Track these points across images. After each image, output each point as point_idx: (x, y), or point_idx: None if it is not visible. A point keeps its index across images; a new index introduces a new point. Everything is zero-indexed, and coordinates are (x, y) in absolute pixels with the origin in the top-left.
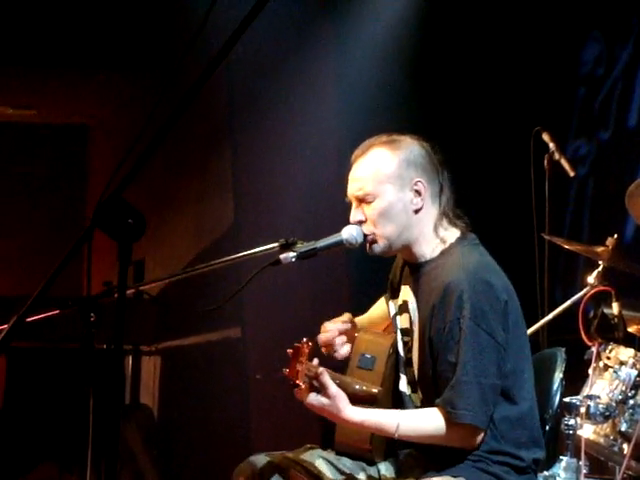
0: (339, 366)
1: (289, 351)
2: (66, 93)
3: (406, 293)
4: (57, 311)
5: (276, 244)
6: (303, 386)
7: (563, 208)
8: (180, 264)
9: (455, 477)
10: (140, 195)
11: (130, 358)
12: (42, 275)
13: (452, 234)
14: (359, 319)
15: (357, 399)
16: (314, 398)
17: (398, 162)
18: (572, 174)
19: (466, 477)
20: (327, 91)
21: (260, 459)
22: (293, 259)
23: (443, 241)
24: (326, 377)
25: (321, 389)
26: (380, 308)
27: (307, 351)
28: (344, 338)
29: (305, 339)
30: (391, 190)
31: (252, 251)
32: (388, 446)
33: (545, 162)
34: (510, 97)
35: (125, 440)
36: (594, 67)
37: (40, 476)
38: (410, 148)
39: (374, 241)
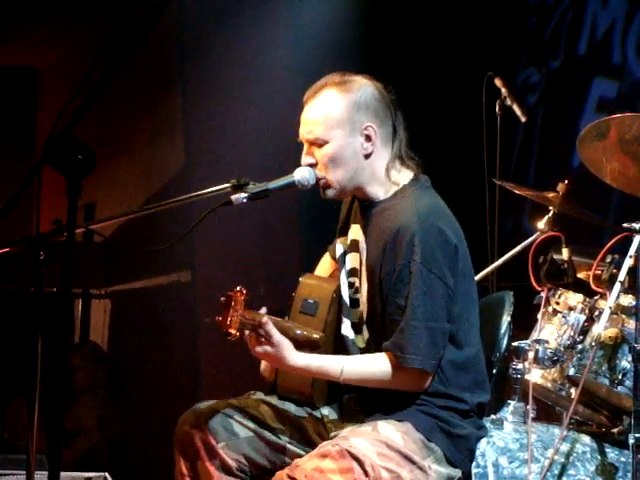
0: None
1: (222, 299)
2: (16, 35)
3: (356, 232)
4: (6, 249)
5: (228, 184)
6: (237, 334)
7: (512, 143)
8: (131, 207)
9: (400, 421)
10: (90, 138)
11: (80, 301)
12: None
13: (405, 176)
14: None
15: (298, 344)
16: (257, 346)
17: (349, 106)
18: (523, 119)
19: (411, 421)
20: (279, 32)
21: (204, 407)
22: (245, 200)
23: (396, 183)
24: (270, 326)
25: (265, 337)
26: (327, 260)
27: (242, 299)
28: None
29: (239, 287)
30: (341, 135)
31: (204, 191)
32: (330, 391)
33: (497, 107)
34: (462, 26)
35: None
36: None
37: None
38: (362, 90)
39: (327, 186)
